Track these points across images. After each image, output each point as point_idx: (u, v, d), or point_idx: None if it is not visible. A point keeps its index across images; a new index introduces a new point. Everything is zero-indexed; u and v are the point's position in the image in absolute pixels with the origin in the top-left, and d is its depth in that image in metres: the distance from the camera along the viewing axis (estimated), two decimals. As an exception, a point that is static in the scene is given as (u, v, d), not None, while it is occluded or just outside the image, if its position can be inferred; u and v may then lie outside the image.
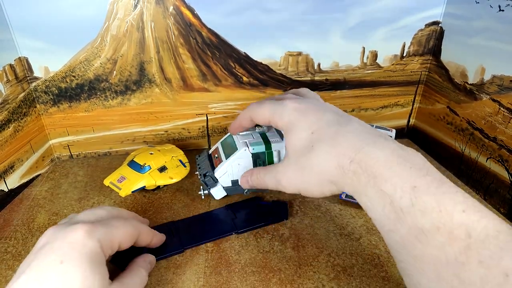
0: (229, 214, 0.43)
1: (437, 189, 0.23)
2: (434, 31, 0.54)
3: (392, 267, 0.36)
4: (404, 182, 0.24)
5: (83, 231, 0.27)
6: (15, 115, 0.49)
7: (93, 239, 0.27)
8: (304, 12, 0.51)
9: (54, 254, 0.26)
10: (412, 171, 0.25)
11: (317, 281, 0.35)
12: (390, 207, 0.24)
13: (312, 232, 0.41)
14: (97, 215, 0.32)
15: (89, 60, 0.51)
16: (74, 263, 0.26)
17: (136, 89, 0.54)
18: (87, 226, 0.28)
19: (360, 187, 0.27)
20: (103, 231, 0.28)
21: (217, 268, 0.36)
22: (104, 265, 0.28)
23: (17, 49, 0.48)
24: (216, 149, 0.46)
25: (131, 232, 0.32)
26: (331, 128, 0.30)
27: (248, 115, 0.38)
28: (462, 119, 0.50)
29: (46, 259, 0.26)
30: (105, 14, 0.48)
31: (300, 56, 0.54)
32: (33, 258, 0.26)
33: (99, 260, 0.27)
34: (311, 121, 0.32)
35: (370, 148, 0.27)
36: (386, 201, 0.25)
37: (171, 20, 0.49)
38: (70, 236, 0.27)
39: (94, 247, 0.27)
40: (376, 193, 0.25)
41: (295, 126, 0.32)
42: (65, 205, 0.47)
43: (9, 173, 0.48)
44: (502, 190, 0.44)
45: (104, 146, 0.58)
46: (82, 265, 0.26)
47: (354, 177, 0.27)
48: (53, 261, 0.25)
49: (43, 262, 0.26)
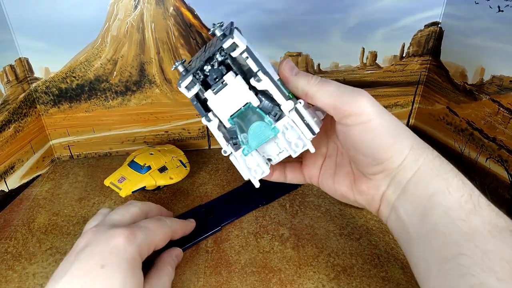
0: (249, 191, 0.46)
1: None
2: (433, 32, 0.54)
3: (392, 267, 0.36)
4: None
5: (124, 237, 0.28)
6: (16, 115, 0.49)
7: (133, 245, 0.28)
8: (303, 13, 0.51)
9: (95, 259, 0.26)
10: None
11: (317, 281, 0.35)
12: (469, 198, 0.25)
13: (312, 232, 0.41)
14: (131, 214, 0.33)
15: (89, 61, 0.51)
16: (116, 268, 0.26)
17: (136, 90, 0.54)
18: (128, 232, 0.28)
19: (440, 168, 0.26)
20: (142, 237, 0.29)
21: (217, 268, 0.36)
22: (140, 269, 0.29)
23: (17, 50, 0.48)
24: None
25: (168, 234, 0.33)
26: None
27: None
28: (461, 119, 0.50)
29: (88, 263, 0.26)
30: (106, 15, 0.48)
31: (300, 57, 0.54)
32: (74, 260, 0.27)
33: (137, 265, 0.28)
34: None
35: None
36: (466, 191, 0.25)
37: (171, 21, 0.50)
38: (111, 241, 0.28)
39: (134, 253, 0.28)
40: (459, 181, 0.26)
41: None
42: (65, 205, 0.47)
43: (9, 174, 0.48)
44: (501, 190, 0.44)
45: (105, 146, 0.58)
46: (123, 271, 0.26)
47: (436, 160, 0.27)
48: (95, 265, 0.26)
49: (85, 266, 0.26)
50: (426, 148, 0.28)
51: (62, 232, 0.42)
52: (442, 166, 0.27)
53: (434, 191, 0.25)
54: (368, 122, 0.26)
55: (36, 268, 0.37)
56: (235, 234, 0.41)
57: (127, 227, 0.29)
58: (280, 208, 0.45)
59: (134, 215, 0.33)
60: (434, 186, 0.26)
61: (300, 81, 0.28)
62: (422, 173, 0.26)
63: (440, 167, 0.26)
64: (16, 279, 0.36)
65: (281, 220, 0.43)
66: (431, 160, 0.27)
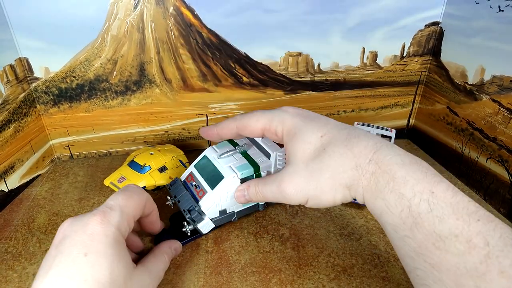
0: None
1: (452, 197, 0.23)
2: (434, 32, 0.54)
3: (392, 268, 0.36)
4: (423, 187, 0.24)
5: (99, 221, 0.27)
6: (16, 115, 0.49)
7: (111, 227, 0.27)
8: (304, 13, 0.51)
9: (77, 248, 0.26)
10: (428, 176, 0.25)
11: (317, 281, 0.35)
12: (408, 212, 0.24)
13: (312, 232, 0.41)
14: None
15: (89, 61, 0.51)
16: (99, 254, 0.26)
17: (136, 90, 0.54)
18: (101, 216, 0.28)
19: (377, 189, 0.26)
20: (117, 216, 0.29)
21: (217, 268, 0.36)
22: (125, 249, 0.28)
23: (17, 50, 0.48)
24: (191, 175, 0.41)
25: (139, 202, 0.32)
26: (342, 131, 0.29)
27: (234, 124, 0.35)
28: (462, 119, 0.50)
29: (70, 254, 0.26)
30: (106, 15, 0.48)
31: (300, 57, 0.54)
32: (56, 253, 0.26)
33: (121, 245, 0.28)
34: (319, 125, 0.31)
35: (386, 150, 0.27)
36: (404, 205, 0.24)
37: (171, 20, 0.49)
38: (87, 229, 0.27)
39: (114, 234, 0.27)
40: (395, 196, 0.25)
41: (301, 130, 0.31)
42: (65, 205, 0.47)
43: (9, 173, 0.48)
44: (502, 190, 0.44)
45: (105, 146, 0.58)
46: (108, 255, 0.26)
47: (372, 178, 0.26)
48: (78, 254, 0.26)
49: (68, 257, 0.26)
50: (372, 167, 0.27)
51: (62, 232, 0.42)
52: (378, 186, 0.26)
53: (380, 212, 0.26)
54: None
55: (36, 268, 0.37)
56: (235, 234, 0.41)
57: (98, 211, 0.28)
58: (280, 208, 0.45)
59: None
60: (377, 207, 0.26)
61: (253, 198, 0.36)
62: (366, 196, 0.27)
63: (380, 185, 0.26)
64: (16, 279, 0.36)
65: (281, 220, 0.43)
66: (376, 179, 0.26)
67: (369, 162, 0.27)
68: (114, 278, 0.26)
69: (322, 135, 0.30)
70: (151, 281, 0.30)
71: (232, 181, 0.37)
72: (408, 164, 0.26)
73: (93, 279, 0.25)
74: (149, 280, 0.30)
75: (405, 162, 0.26)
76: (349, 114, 0.61)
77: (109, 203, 0.30)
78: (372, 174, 0.26)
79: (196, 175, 0.40)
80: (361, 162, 0.27)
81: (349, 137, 0.29)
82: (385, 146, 0.27)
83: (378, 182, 0.26)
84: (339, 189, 0.28)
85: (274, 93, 0.57)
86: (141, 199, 0.32)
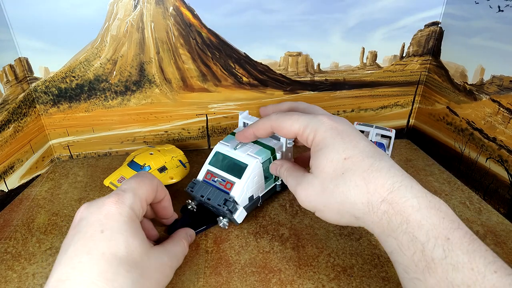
0: None
1: (469, 245, 0.23)
2: (433, 32, 0.54)
3: (392, 268, 0.36)
4: (438, 232, 0.24)
5: (114, 203, 0.29)
6: (15, 115, 0.49)
7: (125, 208, 0.29)
8: (303, 13, 0.51)
9: (93, 226, 0.27)
10: (445, 222, 0.25)
11: (317, 281, 0.35)
12: (421, 255, 0.24)
13: (312, 232, 0.41)
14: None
15: (89, 61, 0.51)
16: (114, 230, 0.27)
17: (136, 90, 0.54)
18: (115, 197, 0.29)
19: (389, 228, 0.26)
20: (131, 198, 0.30)
21: (217, 268, 0.36)
22: (140, 228, 0.30)
23: (17, 50, 0.48)
24: (209, 172, 0.42)
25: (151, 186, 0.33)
26: (365, 161, 0.29)
27: (269, 124, 0.36)
28: (461, 119, 0.50)
29: (87, 231, 0.27)
30: (105, 15, 0.48)
31: (300, 57, 0.54)
32: (74, 233, 0.28)
33: (136, 223, 0.29)
34: (346, 146, 0.30)
35: (403, 191, 0.27)
36: (418, 248, 0.24)
37: (171, 20, 0.49)
38: (103, 208, 0.29)
39: (128, 214, 0.29)
40: (408, 238, 0.25)
41: (328, 147, 0.31)
42: (65, 205, 0.47)
43: (9, 174, 0.48)
44: (501, 190, 0.44)
45: (104, 146, 0.58)
46: (122, 231, 0.28)
47: (383, 217, 0.26)
48: (94, 231, 0.27)
49: (86, 234, 0.27)
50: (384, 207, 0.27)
51: (62, 232, 0.42)
52: (390, 225, 0.26)
53: (390, 251, 0.26)
54: None
55: (35, 268, 0.37)
56: (235, 234, 0.41)
57: (112, 194, 0.30)
58: (280, 208, 0.45)
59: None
60: (389, 245, 0.27)
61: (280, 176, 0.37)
62: (379, 236, 0.27)
63: (391, 227, 0.26)
64: (15, 279, 0.36)
65: (281, 220, 0.43)
66: (387, 222, 0.27)
67: (381, 201, 0.27)
68: (130, 253, 0.27)
69: (346, 157, 0.30)
70: (168, 260, 0.31)
71: (256, 165, 0.40)
72: (424, 208, 0.25)
73: (110, 252, 0.26)
74: (167, 259, 0.31)
75: (421, 206, 0.26)
76: (349, 114, 0.61)
77: (122, 187, 0.31)
78: (384, 213, 0.26)
79: (215, 171, 0.42)
80: (374, 200, 0.27)
81: (371, 168, 0.28)
82: (404, 186, 0.27)
83: (390, 221, 0.26)
84: (345, 216, 0.29)
85: (273, 93, 0.57)
86: (152, 183, 0.34)
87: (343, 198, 0.29)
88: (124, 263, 0.26)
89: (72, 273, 0.25)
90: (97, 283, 0.25)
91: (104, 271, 0.25)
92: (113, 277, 0.25)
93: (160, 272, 0.30)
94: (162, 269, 0.30)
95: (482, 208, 0.45)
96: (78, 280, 0.25)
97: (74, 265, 0.25)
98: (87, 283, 0.25)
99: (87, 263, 0.25)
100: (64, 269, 0.26)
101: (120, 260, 0.26)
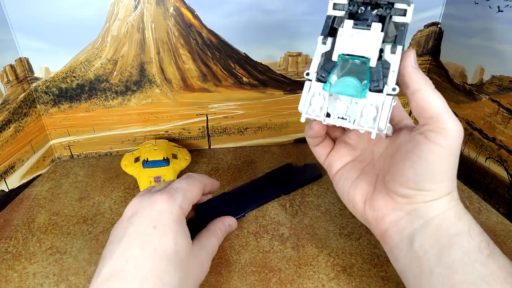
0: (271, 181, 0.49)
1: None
2: (433, 32, 0.54)
3: (391, 267, 0.36)
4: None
5: (166, 200, 0.30)
6: (16, 115, 0.49)
7: (176, 206, 0.30)
8: (303, 13, 0.51)
9: (147, 221, 0.29)
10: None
11: (317, 281, 0.35)
12: (486, 245, 0.26)
13: (312, 232, 0.41)
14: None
15: (89, 61, 0.51)
16: (167, 228, 0.29)
17: (136, 90, 0.54)
18: (168, 195, 0.31)
19: (465, 217, 0.28)
20: (181, 198, 0.32)
21: (217, 268, 0.36)
22: (186, 227, 0.31)
23: (17, 50, 0.48)
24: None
25: (200, 189, 0.35)
26: None
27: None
28: (461, 119, 0.50)
29: (141, 226, 0.29)
30: (106, 15, 0.48)
31: (300, 57, 0.54)
32: (128, 225, 0.29)
33: (183, 224, 0.31)
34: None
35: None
36: (484, 239, 0.26)
37: (171, 21, 0.50)
38: (156, 206, 0.30)
39: (178, 213, 0.30)
40: (479, 229, 0.27)
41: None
42: (65, 205, 0.47)
43: (9, 173, 0.48)
44: (501, 190, 0.44)
45: (105, 146, 0.58)
46: (173, 230, 0.29)
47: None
48: (147, 226, 0.28)
49: (139, 228, 0.28)
50: (457, 196, 0.29)
51: (62, 231, 0.42)
52: (466, 215, 0.28)
53: (456, 233, 0.26)
54: (448, 149, 0.26)
55: (36, 267, 0.37)
56: (235, 233, 0.41)
57: (165, 191, 0.31)
58: (280, 208, 0.45)
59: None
60: (457, 228, 0.27)
61: (420, 77, 0.28)
62: (448, 215, 0.27)
63: (464, 215, 0.28)
64: (16, 279, 0.36)
65: (281, 220, 0.43)
66: (459, 208, 0.28)
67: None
68: (178, 250, 0.28)
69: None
70: (205, 257, 0.33)
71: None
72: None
73: (161, 249, 0.27)
74: (204, 256, 0.33)
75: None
76: (348, 114, 0.61)
77: (174, 185, 0.33)
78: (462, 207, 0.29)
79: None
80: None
81: None
82: None
83: (466, 213, 0.28)
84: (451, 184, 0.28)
85: (274, 93, 0.57)
86: (200, 186, 0.35)
87: None
88: (173, 261, 0.28)
89: (127, 266, 0.26)
90: (149, 278, 0.26)
91: (156, 267, 0.27)
92: (163, 274, 0.27)
93: (199, 269, 0.31)
94: (201, 266, 0.32)
95: (481, 208, 0.45)
96: (132, 273, 0.26)
97: (128, 257, 0.27)
98: (140, 277, 0.26)
99: (141, 257, 0.27)
100: (118, 259, 0.27)
101: (170, 258, 0.27)
